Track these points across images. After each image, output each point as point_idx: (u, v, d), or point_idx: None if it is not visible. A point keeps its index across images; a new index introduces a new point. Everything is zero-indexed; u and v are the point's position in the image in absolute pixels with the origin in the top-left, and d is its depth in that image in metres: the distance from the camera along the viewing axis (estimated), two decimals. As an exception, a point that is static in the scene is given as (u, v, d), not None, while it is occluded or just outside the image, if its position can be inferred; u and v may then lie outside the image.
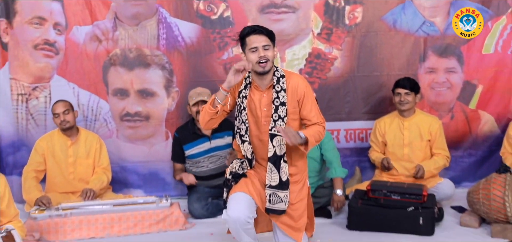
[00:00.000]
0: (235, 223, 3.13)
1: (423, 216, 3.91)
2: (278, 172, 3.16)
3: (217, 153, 4.51)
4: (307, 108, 3.20)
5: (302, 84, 3.22)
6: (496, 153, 4.84)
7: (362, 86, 4.84)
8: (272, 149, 3.15)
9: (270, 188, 3.18)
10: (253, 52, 3.11)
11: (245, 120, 3.22)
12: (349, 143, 4.93)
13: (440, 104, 4.90)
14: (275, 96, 3.16)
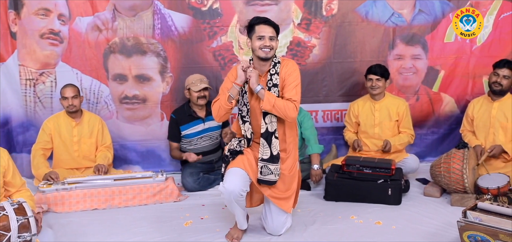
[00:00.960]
0: (229, 195, 3.12)
1: (391, 187, 3.93)
2: (269, 146, 3.15)
3: (209, 134, 4.49)
4: (287, 86, 3.17)
5: (291, 67, 3.21)
6: (456, 130, 4.88)
7: (337, 71, 4.82)
8: (264, 125, 3.15)
9: (262, 161, 3.17)
10: (259, 39, 3.12)
11: (247, 102, 3.20)
12: (326, 123, 4.92)
13: (407, 87, 4.90)
14: (269, 78, 3.17)
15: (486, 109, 4.41)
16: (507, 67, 4.29)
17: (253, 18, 3.18)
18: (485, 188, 3.82)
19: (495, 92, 4.34)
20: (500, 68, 4.30)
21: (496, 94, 4.35)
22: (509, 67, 4.29)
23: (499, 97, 4.36)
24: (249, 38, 3.18)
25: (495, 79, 4.31)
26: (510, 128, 4.29)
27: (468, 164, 3.89)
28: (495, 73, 4.32)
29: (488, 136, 4.36)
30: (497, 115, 4.34)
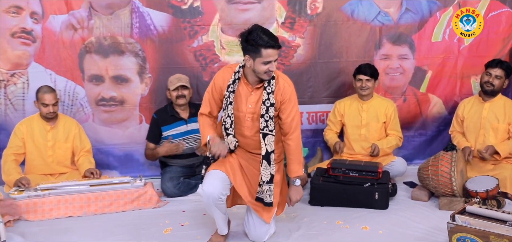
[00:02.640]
0: (208, 198, 3.09)
1: (378, 191, 3.93)
2: (270, 167, 3.14)
3: (192, 136, 4.45)
4: (286, 112, 3.15)
5: (288, 88, 3.15)
6: (444, 132, 4.91)
7: (323, 72, 4.82)
8: (264, 147, 3.12)
9: (266, 184, 3.15)
10: (265, 64, 3.01)
11: (231, 114, 3.15)
12: (311, 125, 4.91)
13: (394, 88, 4.92)
14: (266, 97, 3.10)
15: (477, 110, 4.44)
16: (499, 67, 4.32)
17: (259, 37, 2.95)
18: (474, 191, 3.83)
19: (487, 93, 4.37)
20: (493, 68, 4.33)
21: (488, 94, 4.38)
22: (501, 67, 4.33)
23: (490, 97, 4.39)
24: (249, 55, 3.02)
25: (487, 79, 4.34)
26: (501, 130, 4.33)
27: (457, 167, 3.90)
28: (487, 73, 4.35)
29: (479, 137, 4.39)
30: (488, 116, 4.37)
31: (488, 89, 4.34)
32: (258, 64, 3.01)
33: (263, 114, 3.11)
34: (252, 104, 3.14)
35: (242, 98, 3.15)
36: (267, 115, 3.11)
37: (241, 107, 3.15)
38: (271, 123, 3.12)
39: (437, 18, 4.77)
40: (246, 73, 3.14)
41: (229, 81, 3.14)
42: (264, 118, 3.11)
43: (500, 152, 4.24)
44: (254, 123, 3.15)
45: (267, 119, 3.11)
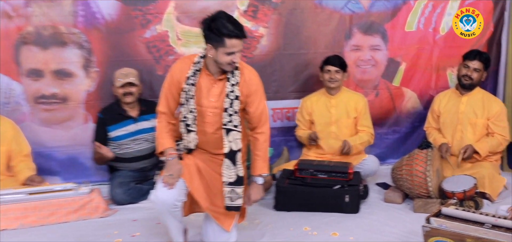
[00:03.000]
0: (162, 205, 3.05)
1: (349, 194, 3.95)
2: (235, 167, 3.11)
3: (143, 136, 4.38)
4: (254, 105, 3.15)
5: (255, 79, 3.16)
6: (419, 129, 4.95)
7: (289, 64, 4.80)
8: (227, 144, 3.09)
9: (229, 186, 3.12)
10: (229, 55, 2.99)
11: (193, 109, 3.11)
12: (277, 123, 4.90)
13: (365, 81, 4.95)
14: (230, 90, 3.09)
15: (454, 104, 4.50)
16: (478, 60, 4.38)
17: (223, 26, 2.95)
18: (450, 192, 3.88)
19: (465, 86, 4.42)
20: (471, 60, 4.38)
21: (465, 88, 4.44)
22: (480, 60, 4.38)
23: (468, 91, 4.45)
24: (211, 44, 3.01)
25: (465, 72, 4.39)
26: (479, 125, 4.40)
27: (432, 166, 3.94)
28: (465, 65, 4.40)
29: (456, 134, 4.46)
30: (466, 111, 4.43)
31: (466, 83, 4.40)
32: (221, 55, 3.00)
33: (227, 108, 3.09)
34: (214, 97, 3.11)
35: (203, 92, 3.11)
36: (231, 109, 3.09)
37: (202, 101, 3.11)
38: (235, 118, 3.10)
39: (411, 5, 4.82)
40: (207, 63, 3.12)
41: (188, 72, 3.11)
42: (228, 112, 3.09)
43: (480, 151, 4.30)
44: (217, 118, 3.13)
45: (231, 113, 3.09)
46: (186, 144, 3.18)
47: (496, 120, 4.38)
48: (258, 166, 3.22)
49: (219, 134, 3.14)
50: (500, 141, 4.37)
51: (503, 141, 4.39)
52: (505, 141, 4.41)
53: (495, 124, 4.38)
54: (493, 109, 4.39)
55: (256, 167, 3.23)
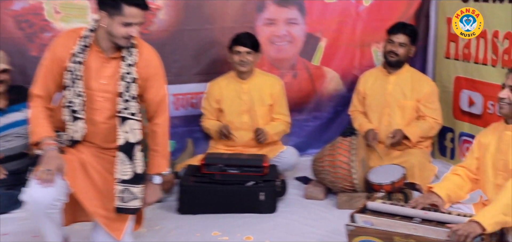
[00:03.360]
0: (37, 206, 2.92)
1: (264, 191, 3.97)
2: (131, 163, 3.04)
3: (13, 130, 4.21)
4: (153, 90, 3.12)
5: (155, 60, 3.13)
6: (342, 114, 5.06)
7: (191, 42, 4.76)
8: (123, 135, 3.02)
9: (123, 184, 3.04)
10: (125, 26, 2.92)
11: (82, 92, 3.02)
12: (179, 111, 4.85)
13: (281, 60, 4.99)
14: (126, 71, 3.02)
15: (381, 85, 4.63)
16: (403, 33, 4.51)
17: None
18: (377, 184, 3.98)
19: (391, 64, 4.56)
20: (395, 34, 4.51)
21: (392, 66, 4.57)
22: (405, 33, 4.51)
23: (396, 69, 4.58)
24: (106, 12, 2.94)
25: (390, 47, 4.52)
26: (408, 107, 4.55)
27: (357, 156, 4.03)
28: (390, 40, 4.53)
29: (383, 117, 4.59)
30: (394, 92, 4.57)
31: (392, 60, 4.53)
32: (117, 25, 2.94)
33: (122, 92, 3.03)
34: (106, 79, 3.05)
35: (92, 72, 3.04)
36: (128, 93, 3.04)
37: (91, 83, 3.04)
38: (133, 104, 3.05)
39: (331, -29, 4.94)
40: (98, 38, 3.04)
41: (74, 48, 3.02)
42: (123, 97, 3.03)
43: (410, 136, 4.44)
44: (108, 104, 3.07)
45: (127, 99, 3.04)
46: (71, 135, 3.08)
47: (426, 101, 4.54)
48: (156, 163, 3.18)
49: (110, 124, 3.07)
50: (432, 124, 4.53)
51: (435, 124, 4.55)
52: (437, 125, 4.57)
53: (426, 106, 4.53)
54: (424, 90, 4.54)
55: (153, 164, 3.18)
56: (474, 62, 4.52)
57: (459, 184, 3.32)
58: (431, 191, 3.25)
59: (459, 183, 3.32)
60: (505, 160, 3.12)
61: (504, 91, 3.07)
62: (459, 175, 3.35)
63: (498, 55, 4.27)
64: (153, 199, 3.21)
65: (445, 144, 4.93)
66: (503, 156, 3.13)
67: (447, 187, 3.27)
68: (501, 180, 3.10)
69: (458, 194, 3.30)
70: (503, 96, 3.06)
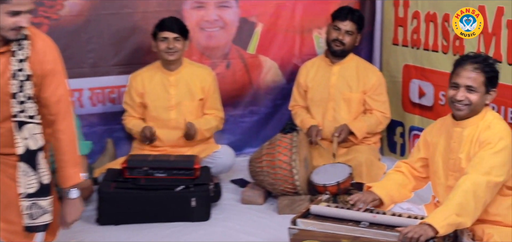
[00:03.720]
0: None
1: (196, 196, 4.00)
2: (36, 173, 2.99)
3: None
4: (50, 88, 3.03)
5: (51, 54, 3.04)
6: (282, 108, 5.15)
7: (109, 29, 4.76)
8: (22, 142, 2.96)
9: (29, 198, 3.00)
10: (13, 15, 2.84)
11: None
12: (97, 107, 4.84)
13: (212, 49, 5.04)
14: (17, 67, 2.94)
15: (324, 76, 4.72)
16: (350, 20, 4.61)
17: None
18: (322, 186, 4.06)
19: (336, 53, 4.65)
20: (342, 21, 4.59)
21: (337, 55, 4.67)
22: (353, 20, 4.61)
23: (340, 59, 4.69)
24: None
25: (335, 35, 4.61)
26: (354, 101, 4.67)
27: (299, 154, 4.11)
28: (335, 27, 4.62)
29: (327, 112, 4.69)
30: (338, 84, 4.67)
31: (338, 49, 4.63)
32: (3, 15, 2.86)
33: (16, 93, 2.96)
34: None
35: None
36: (22, 94, 2.97)
37: None
38: (30, 105, 2.99)
39: None
40: None
41: None
42: (18, 98, 2.97)
43: (356, 132, 4.56)
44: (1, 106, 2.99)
45: (22, 100, 2.97)
46: None
47: (373, 93, 4.66)
48: (68, 175, 3.12)
49: (6, 127, 3.01)
50: (380, 119, 4.66)
51: (383, 119, 4.69)
52: (385, 119, 4.71)
53: (373, 98, 4.66)
54: (370, 81, 4.66)
55: (64, 176, 3.13)
56: (424, 48, 4.65)
57: (402, 182, 3.46)
58: (369, 191, 3.37)
59: (402, 182, 3.47)
60: (455, 159, 3.25)
61: (459, 92, 3.16)
62: (402, 172, 3.49)
63: (449, 41, 4.41)
64: (74, 217, 3.17)
65: (394, 140, 5.07)
66: (454, 155, 3.26)
67: (387, 187, 3.41)
68: (453, 181, 3.21)
69: (402, 193, 3.44)
70: (460, 98, 3.15)
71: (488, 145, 3.11)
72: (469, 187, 3.00)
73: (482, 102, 3.19)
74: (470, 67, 3.17)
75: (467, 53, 3.46)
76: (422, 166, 3.48)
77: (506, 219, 3.20)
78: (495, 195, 3.13)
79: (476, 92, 3.14)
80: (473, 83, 3.14)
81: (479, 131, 3.18)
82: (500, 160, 3.07)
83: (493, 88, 3.20)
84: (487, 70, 3.17)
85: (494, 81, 3.20)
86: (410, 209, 3.36)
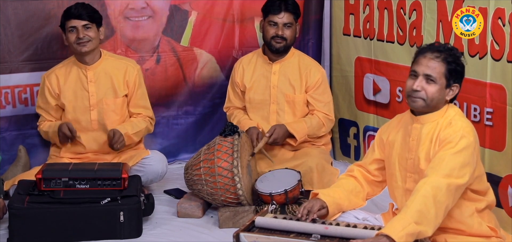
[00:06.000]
0: None
1: (124, 209, 4.01)
2: None
3: None
4: None
5: None
6: (222, 107, 5.16)
7: (16, 18, 4.76)
8: None
9: None
10: None
11: None
12: (6, 109, 4.83)
13: (140, 41, 5.08)
14: None
15: (263, 75, 4.81)
16: (284, 10, 4.66)
17: None
18: (268, 195, 4.14)
19: (279, 51, 4.71)
20: (277, 14, 4.64)
21: (279, 52, 4.74)
22: (288, 10, 4.66)
23: (280, 56, 4.76)
24: None
25: (273, 32, 4.67)
26: (299, 102, 4.76)
27: (241, 160, 4.17)
28: (271, 23, 4.67)
29: (270, 116, 4.78)
30: (280, 84, 4.77)
31: (280, 46, 4.69)
32: None
33: None
34: None
35: None
36: None
37: None
38: None
39: None
40: None
41: None
42: None
43: (296, 135, 4.62)
44: None
45: None
46: None
47: (315, 92, 4.76)
48: None
49: None
50: (322, 121, 4.74)
51: (326, 121, 4.76)
52: (328, 121, 4.78)
53: (315, 98, 4.76)
54: (313, 78, 4.74)
55: None
56: (378, 39, 4.77)
57: (353, 189, 3.56)
58: (317, 198, 3.43)
59: (353, 188, 3.56)
60: (414, 158, 3.35)
61: (417, 81, 3.25)
62: (355, 178, 3.59)
63: (405, 31, 4.51)
64: None
65: (348, 142, 5.20)
66: (412, 155, 3.36)
67: (335, 194, 3.47)
68: (412, 183, 3.32)
69: (352, 201, 3.52)
70: (417, 88, 3.24)
71: (448, 144, 3.19)
72: (428, 191, 3.07)
73: (441, 97, 3.28)
74: (431, 55, 3.26)
75: (432, 42, 3.59)
76: (378, 169, 3.58)
77: (470, 228, 3.31)
78: (459, 200, 3.23)
79: (435, 83, 3.23)
80: (432, 72, 3.22)
81: (440, 128, 3.27)
82: (462, 161, 3.16)
83: (456, 83, 3.29)
84: (450, 61, 3.25)
85: (457, 75, 3.28)
86: (366, 219, 3.45)
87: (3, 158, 4.62)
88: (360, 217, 3.48)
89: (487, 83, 3.89)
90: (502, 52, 3.77)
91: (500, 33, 3.77)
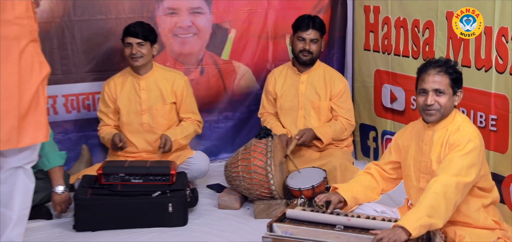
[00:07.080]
0: None
1: (172, 201, 4.05)
2: None
3: None
4: None
5: None
6: (257, 113, 5.17)
7: (83, 35, 4.80)
8: None
9: None
10: None
11: None
12: (71, 114, 4.87)
13: (186, 55, 5.11)
14: None
15: (292, 84, 4.82)
16: (313, 28, 4.69)
17: None
18: (297, 190, 4.16)
19: (305, 63, 4.74)
20: (305, 31, 4.67)
21: (306, 65, 4.76)
22: (315, 27, 4.69)
23: (307, 67, 4.78)
24: None
25: (301, 46, 4.68)
26: (324, 109, 4.77)
27: (274, 159, 4.19)
28: (300, 38, 4.69)
29: (297, 121, 4.79)
30: (307, 92, 4.77)
31: (306, 59, 4.71)
32: None
33: None
34: None
35: None
36: None
37: None
38: None
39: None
40: None
41: None
42: None
43: (322, 138, 4.64)
44: None
45: None
46: None
47: (338, 100, 4.76)
48: None
49: None
50: (345, 126, 4.75)
51: (348, 126, 4.77)
52: (350, 126, 4.80)
53: (338, 105, 4.76)
54: (336, 88, 4.75)
55: None
56: (395, 53, 4.77)
57: (369, 184, 3.60)
58: (336, 192, 3.49)
59: (369, 184, 3.60)
60: (426, 161, 3.39)
61: (429, 97, 3.28)
62: (371, 174, 3.63)
63: (419, 46, 4.51)
64: None
65: (368, 144, 5.19)
66: (425, 158, 3.40)
67: (353, 189, 3.53)
68: (425, 183, 3.34)
69: (368, 195, 3.57)
70: (431, 102, 3.27)
71: (457, 147, 3.22)
72: (439, 189, 3.10)
73: (451, 104, 3.32)
74: (434, 71, 3.29)
75: (427, 59, 3.59)
76: (392, 169, 3.61)
77: (476, 221, 3.33)
78: (466, 196, 3.25)
79: (445, 94, 3.27)
80: (440, 86, 3.27)
81: (449, 133, 3.31)
82: (469, 162, 3.18)
83: (459, 88, 3.34)
84: (451, 71, 3.29)
85: (459, 82, 3.34)
86: (384, 212, 3.48)
87: (69, 155, 4.64)
88: (379, 210, 3.51)
89: (492, 93, 3.89)
90: (505, 65, 3.77)
91: (504, 49, 3.77)
